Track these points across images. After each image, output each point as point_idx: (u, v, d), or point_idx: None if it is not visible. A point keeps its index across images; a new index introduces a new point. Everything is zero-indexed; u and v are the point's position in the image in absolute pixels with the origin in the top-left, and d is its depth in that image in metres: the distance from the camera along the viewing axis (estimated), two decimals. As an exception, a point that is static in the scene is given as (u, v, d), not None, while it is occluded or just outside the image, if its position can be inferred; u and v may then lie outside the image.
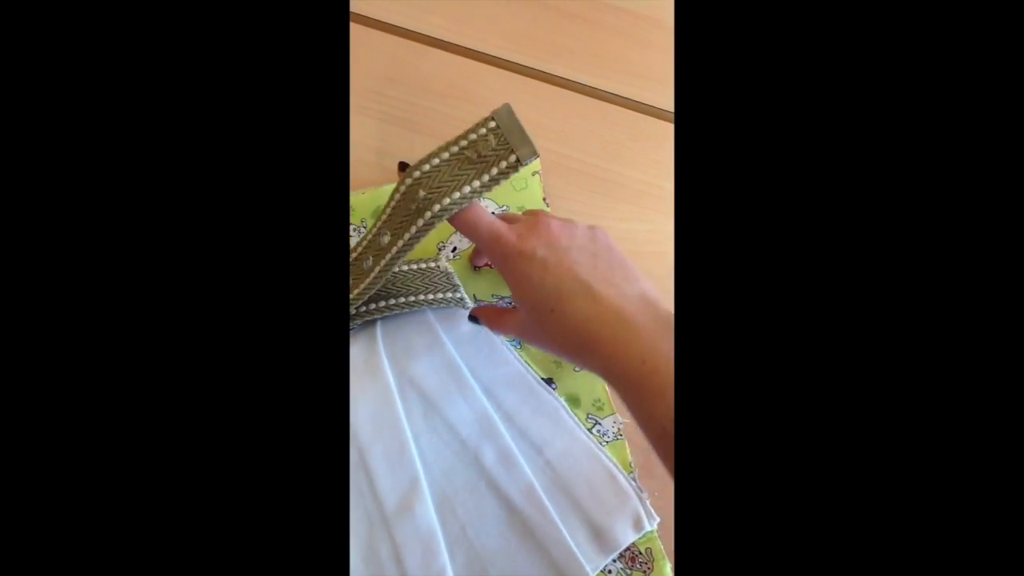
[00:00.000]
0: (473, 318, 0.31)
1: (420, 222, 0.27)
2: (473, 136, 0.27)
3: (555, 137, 0.39)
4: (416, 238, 0.28)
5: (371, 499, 0.29)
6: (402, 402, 0.31)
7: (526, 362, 0.33)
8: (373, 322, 0.33)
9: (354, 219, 0.35)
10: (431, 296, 0.33)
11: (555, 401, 0.32)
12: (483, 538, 0.29)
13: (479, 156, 0.27)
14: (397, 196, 0.28)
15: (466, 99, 0.39)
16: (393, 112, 0.38)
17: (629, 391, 0.23)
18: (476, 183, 0.27)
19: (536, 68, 0.40)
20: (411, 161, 0.36)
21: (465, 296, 0.34)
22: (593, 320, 0.24)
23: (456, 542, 0.29)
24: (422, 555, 0.28)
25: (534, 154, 0.27)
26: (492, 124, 0.27)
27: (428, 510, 0.29)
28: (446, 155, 0.27)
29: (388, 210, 0.28)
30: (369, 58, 0.39)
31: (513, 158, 0.27)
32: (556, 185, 0.37)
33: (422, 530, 0.29)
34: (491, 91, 0.39)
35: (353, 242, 0.34)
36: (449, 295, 0.33)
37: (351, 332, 0.33)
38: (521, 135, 0.27)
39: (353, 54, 0.39)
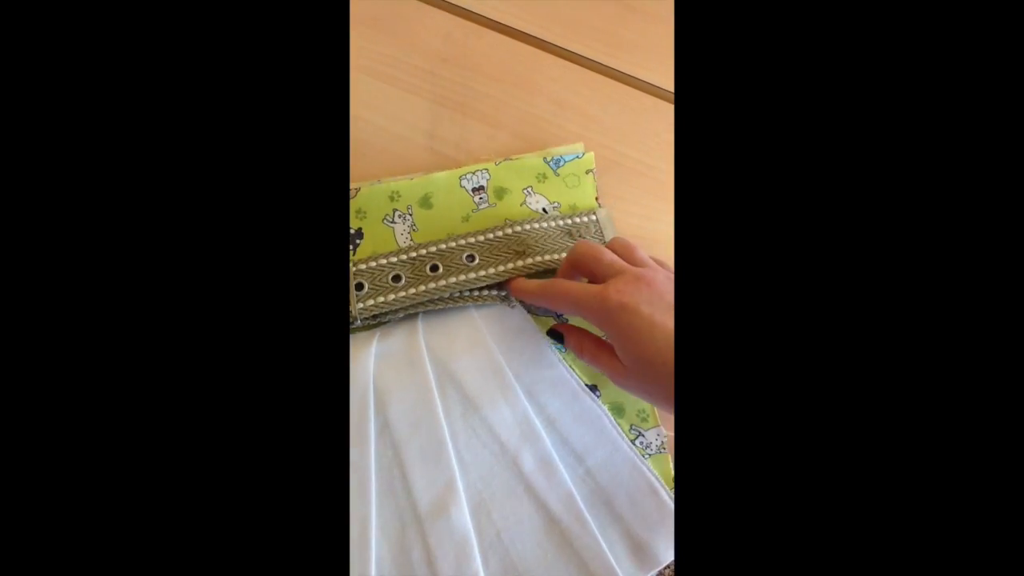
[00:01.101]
0: (557, 334, 0.31)
1: (520, 263, 0.32)
2: (579, 219, 0.34)
3: (612, 134, 0.37)
4: (505, 274, 0.32)
5: (404, 497, 0.29)
6: (441, 400, 0.30)
7: (570, 366, 0.32)
8: (415, 315, 0.32)
9: (400, 205, 0.34)
10: (475, 292, 0.32)
11: (598, 409, 0.31)
12: (518, 545, 0.28)
13: (578, 236, 0.33)
14: (500, 234, 0.33)
15: (521, 86, 0.37)
16: (445, 94, 0.36)
17: None
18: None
19: (596, 60, 0.39)
20: (464, 146, 0.36)
21: (512, 296, 0.32)
22: None
23: (490, 548, 0.28)
24: (455, 559, 0.28)
25: None
26: (594, 217, 0.34)
27: (463, 513, 0.28)
28: (553, 224, 0.33)
29: (483, 237, 0.33)
30: (423, 36, 0.37)
31: None
32: (610, 184, 0.36)
33: (456, 534, 0.28)
34: (548, 79, 0.38)
35: (399, 230, 0.33)
36: (493, 292, 0.32)
37: (391, 323, 0.32)
38: (612, 232, 0.34)
39: (407, 30, 0.37)
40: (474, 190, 0.34)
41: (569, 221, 0.33)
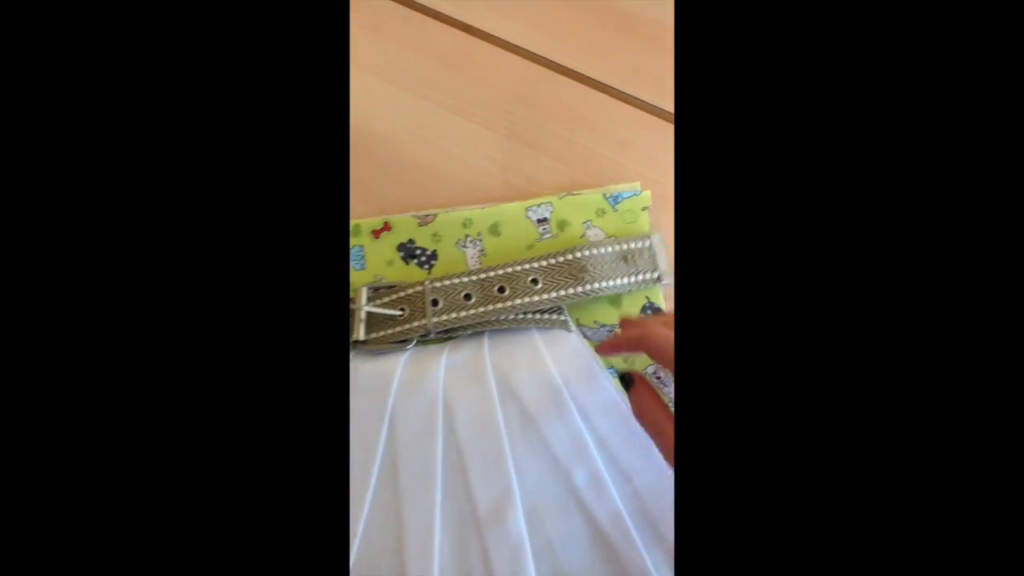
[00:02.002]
0: (627, 379, 0.28)
1: (579, 289, 0.34)
2: (634, 244, 0.36)
3: (668, 173, 0.40)
4: (565, 299, 0.35)
5: (465, 501, 0.31)
6: (502, 412, 0.32)
7: (620, 390, 0.34)
8: (482, 332, 0.34)
9: (471, 232, 0.37)
10: (538, 315, 0.34)
11: (646, 435, 0.33)
12: (568, 554, 0.30)
13: (632, 261, 0.35)
14: (561, 259, 0.35)
15: (586, 126, 0.40)
16: (518, 131, 0.39)
17: None
18: (624, 280, 0.35)
19: (656, 105, 0.41)
20: (534, 179, 0.39)
21: (569, 319, 0.35)
22: None
23: (542, 555, 0.30)
24: (510, 563, 0.30)
25: (670, 275, 0.35)
26: (648, 243, 0.36)
27: (519, 520, 0.30)
28: (610, 249, 0.35)
29: (546, 263, 0.35)
30: (499, 78, 0.41)
31: (656, 275, 0.35)
32: (665, 221, 0.38)
33: (512, 538, 0.30)
34: (611, 121, 0.41)
35: (470, 254, 0.36)
36: (554, 316, 0.35)
37: (460, 338, 0.35)
38: (665, 258, 0.36)
39: (484, 73, 0.41)
40: (539, 221, 0.37)
41: (625, 246, 0.35)
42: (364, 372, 0.34)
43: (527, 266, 0.35)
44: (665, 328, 0.26)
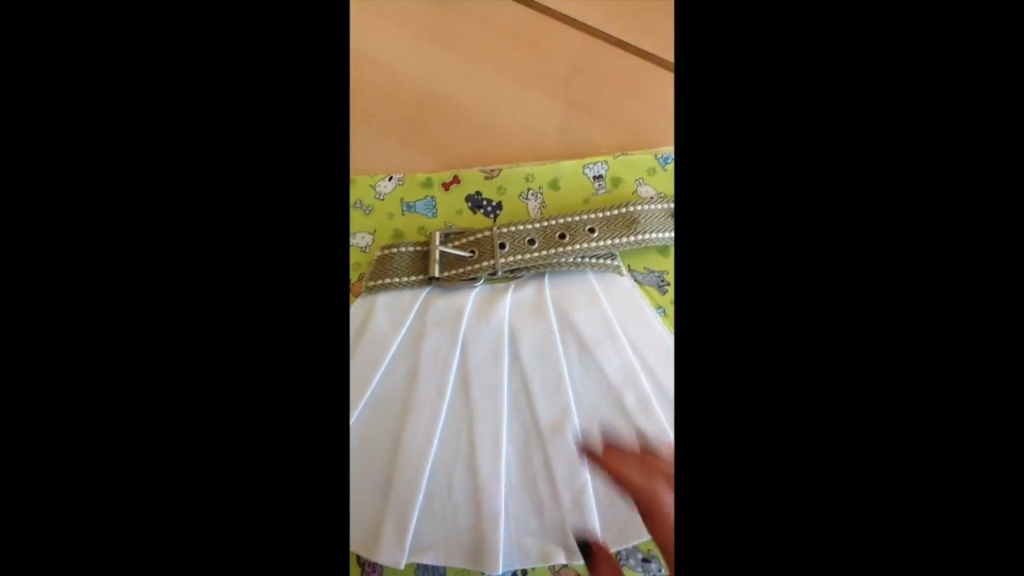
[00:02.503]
0: (585, 547, 0.26)
1: (632, 238, 0.38)
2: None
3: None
4: (619, 246, 0.38)
5: (528, 415, 0.35)
6: (561, 342, 0.37)
7: (667, 328, 0.38)
8: (543, 273, 0.39)
9: (533, 185, 0.41)
10: (594, 260, 0.39)
11: (690, 365, 0.37)
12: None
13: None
14: (615, 212, 0.39)
15: (639, 95, 0.44)
16: (575, 98, 0.43)
17: None
18: (670, 234, 0.38)
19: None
20: (590, 140, 0.42)
21: (622, 264, 0.39)
22: None
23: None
24: (568, 468, 0.34)
25: None
26: None
27: (576, 433, 0.35)
28: (660, 206, 0.39)
29: (602, 214, 0.39)
30: (558, 50, 0.45)
31: None
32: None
33: (570, 449, 0.34)
34: (659, 89, 0.44)
35: (531, 205, 0.40)
36: (608, 261, 0.39)
37: (525, 278, 0.39)
38: None
39: (544, 45, 0.45)
40: (595, 178, 0.41)
41: (672, 205, 0.39)
42: (439, 306, 0.38)
43: (585, 216, 0.39)
44: (667, 489, 0.22)
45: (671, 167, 0.41)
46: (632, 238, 0.38)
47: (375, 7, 0.46)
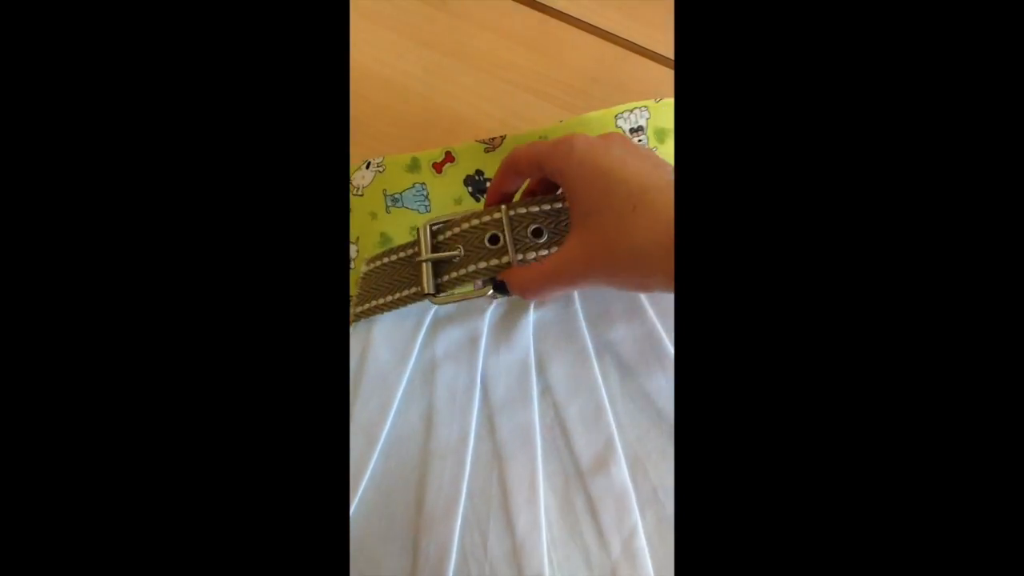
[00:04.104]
0: (500, 287, 0.28)
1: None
2: None
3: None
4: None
5: (567, 454, 0.31)
6: (599, 366, 0.32)
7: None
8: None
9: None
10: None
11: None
12: (673, 502, 0.30)
13: None
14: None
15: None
16: (595, 108, 0.41)
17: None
18: None
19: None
20: None
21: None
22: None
23: (647, 503, 0.30)
24: (615, 511, 0.29)
25: None
26: None
27: (622, 470, 0.30)
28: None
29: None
30: (577, 58, 0.42)
31: None
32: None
33: (616, 487, 0.30)
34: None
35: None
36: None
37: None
38: None
39: (563, 53, 0.43)
40: (632, 131, 0.33)
41: None
42: (449, 333, 0.33)
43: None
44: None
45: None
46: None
47: (375, 11, 0.43)
